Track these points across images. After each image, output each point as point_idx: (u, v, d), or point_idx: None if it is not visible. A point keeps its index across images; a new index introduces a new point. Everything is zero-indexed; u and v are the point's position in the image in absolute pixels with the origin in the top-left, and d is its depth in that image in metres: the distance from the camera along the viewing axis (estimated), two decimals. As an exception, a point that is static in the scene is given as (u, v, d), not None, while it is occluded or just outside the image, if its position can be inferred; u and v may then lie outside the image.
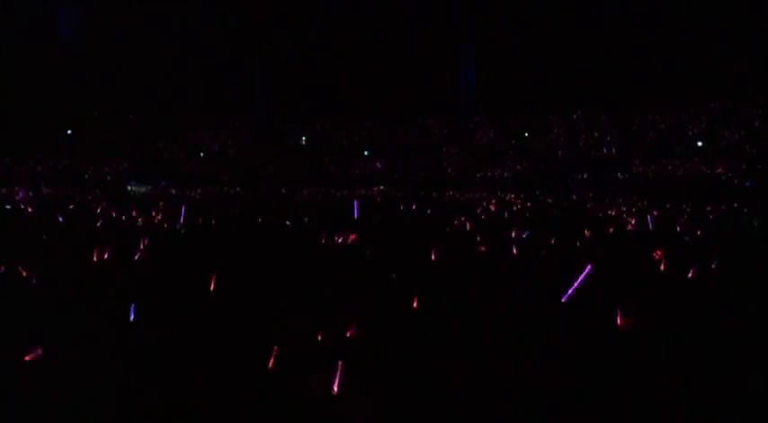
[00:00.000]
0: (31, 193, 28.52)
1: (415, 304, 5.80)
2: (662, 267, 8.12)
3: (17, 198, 28.55)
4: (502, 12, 45.08)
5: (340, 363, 3.65)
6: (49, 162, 53.45)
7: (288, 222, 13.00)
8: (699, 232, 13.68)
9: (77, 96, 54.35)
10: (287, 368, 4.01)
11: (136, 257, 8.25)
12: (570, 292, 5.87)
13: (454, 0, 46.34)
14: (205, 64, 54.91)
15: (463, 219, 15.17)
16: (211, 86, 54.90)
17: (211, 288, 6.25)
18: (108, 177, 53.42)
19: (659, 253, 8.34)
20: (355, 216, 12.34)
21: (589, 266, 5.95)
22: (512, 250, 9.06)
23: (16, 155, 51.57)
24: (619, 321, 5.84)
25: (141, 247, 8.74)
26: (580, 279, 5.88)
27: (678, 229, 14.55)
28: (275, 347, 4.00)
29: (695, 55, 41.66)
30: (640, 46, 43.62)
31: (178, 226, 13.40)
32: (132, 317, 5.66)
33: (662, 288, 7.31)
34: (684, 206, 22.36)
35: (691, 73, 42.13)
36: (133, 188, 50.59)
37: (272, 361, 4.01)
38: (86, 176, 53.16)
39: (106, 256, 8.13)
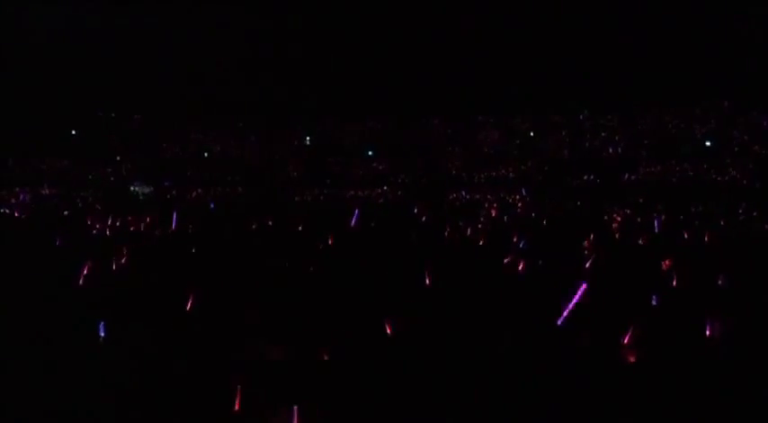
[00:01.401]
0: (29, 197, 28.40)
1: (396, 329, 5.44)
2: (673, 280, 7.71)
3: (19, 199, 28.43)
4: (509, 12, 44.57)
5: (296, 408, 3.34)
6: (53, 163, 53.49)
7: (283, 228, 12.70)
8: (707, 238, 13.23)
9: (82, 97, 54.34)
10: (251, 409, 3.67)
11: (115, 267, 7.95)
12: (565, 314, 5.46)
13: (459, 2, 45.86)
14: (209, 64, 54.74)
15: (463, 224, 14.84)
16: (215, 87, 54.72)
17: (188, 308, 5.90)
18: (112, 178, 53.41)
19: (668, 263, 7.90)
20: (353, 224, 11.99)
21: (584, 285, 5.54)
22: (510, 261, 8.68)
23: (21, 156, 51.59)
24: (626, 340, 5.47)
25: (123, 256, 8.43)
26: (575, 300, 5.47)
27: (686, 234, 14.09)
28: (239, 388, 3.66)
29: (703, 55, 41.00)
30: (646, 45, 42.99)
31: (169, 232, 13.12)
32: (102, 334, 5.40)
33: (673, 301, 6.92)
34: (692, 209, 21.83)
35: (698, 73, 41.48)
36: (136, 188, 50.55)
37: (237, 402, 3.67)
38: (90, 177, 53.16)
39: (89, 265, 7.84)
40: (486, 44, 46.35)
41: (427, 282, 7.67)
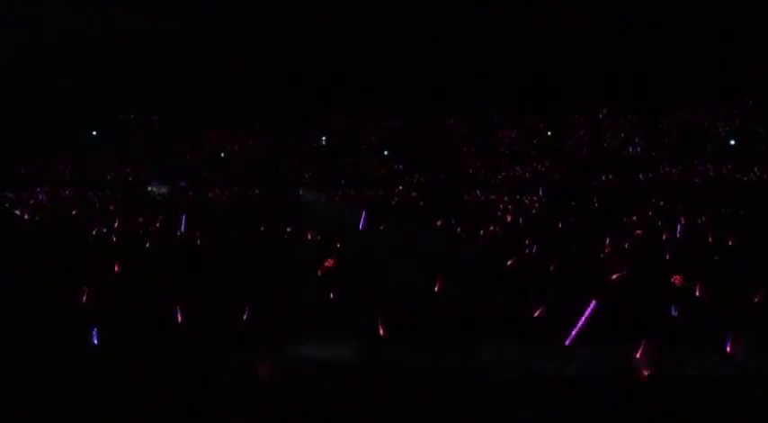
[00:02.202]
0: (47, 197, 28.77)
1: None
2: (695, 290, 7.28)
3: (38, 199, 28.83)
4: (525, 9, 43.92)
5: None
6: (73, 163, 54.38)
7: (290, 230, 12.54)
8: (731, 242, 12.68)
9: (101, 97, 55.11)
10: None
11: (115, 272, 7.81)
12: (574, 334, 5.11)
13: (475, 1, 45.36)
14: (226, 64, 55.09)
15: (476, 226, 14.58)
16: (232, 87, 55.04)
17: (179, 320, 5.69)
18: (130, 178, 54.12)
19: (699, 282, 7.44)
20: (361, 226, 11.79)
21: (594, 302, 5.20)
22: (513, 265, 8.36)
23: (41, 156, 52.55)
24: (638, 354, 5.13)
25: (125, 260, 8.28)
26: (584, 318, 5.12)
27: (710, 238, 13.53)
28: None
29: (726, 51, 39.84)
30: (667, 42, 41.96)
31: (179, 233, 13.09)
32: (95, 341, 5.25)
33: (694, 313, 6.51)
34: (716, 211, 21.11)
35: (721, 68, 40.30)
36: (153, 189, 51.13)
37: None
38: (108, 177, 53.93)
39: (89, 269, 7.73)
40: (502, 42, 45.71)
41: (437, 288, 7.39)
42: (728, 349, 5.48)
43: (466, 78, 48.08)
